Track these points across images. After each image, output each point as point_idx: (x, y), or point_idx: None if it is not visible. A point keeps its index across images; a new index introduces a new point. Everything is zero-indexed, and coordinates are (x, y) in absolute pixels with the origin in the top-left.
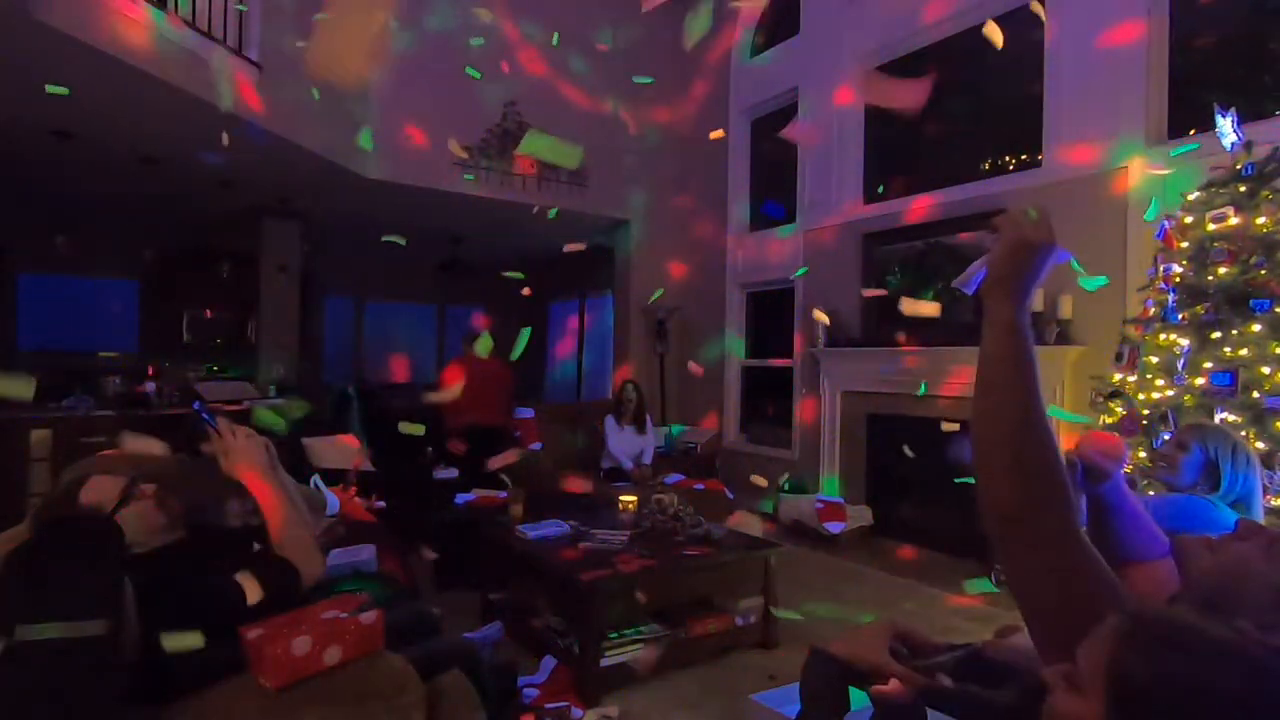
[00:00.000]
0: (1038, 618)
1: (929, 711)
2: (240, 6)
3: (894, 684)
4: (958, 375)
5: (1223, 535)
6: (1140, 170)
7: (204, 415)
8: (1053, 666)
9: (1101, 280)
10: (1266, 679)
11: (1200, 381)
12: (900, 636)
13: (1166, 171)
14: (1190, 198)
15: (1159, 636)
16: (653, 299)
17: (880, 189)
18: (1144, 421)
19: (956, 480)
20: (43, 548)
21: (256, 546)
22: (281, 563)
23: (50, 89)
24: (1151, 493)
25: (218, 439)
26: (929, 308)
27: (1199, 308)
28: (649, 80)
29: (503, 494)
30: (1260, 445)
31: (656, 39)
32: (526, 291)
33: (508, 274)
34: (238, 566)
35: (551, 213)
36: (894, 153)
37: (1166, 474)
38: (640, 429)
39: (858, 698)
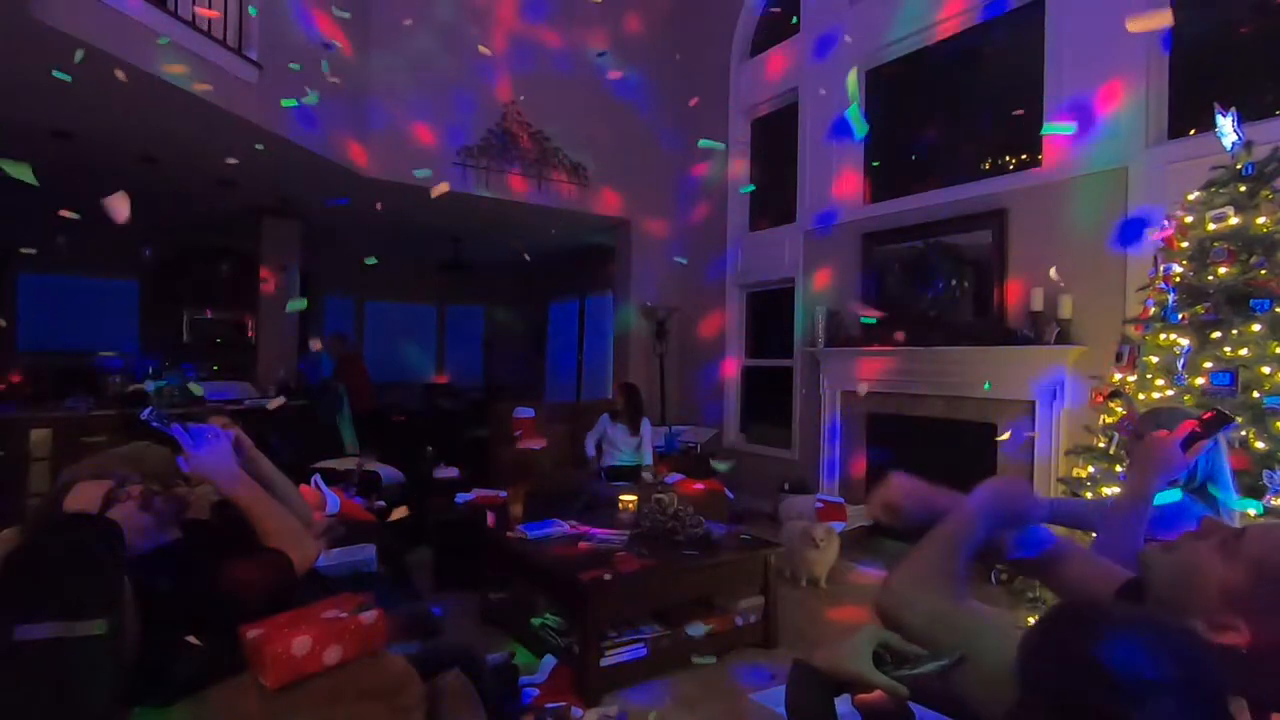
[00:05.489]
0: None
1: (923, 711)
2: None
3: (878, 693)
4: (955, 375)
5: (1184, 534)
6: (1140, 170)
7: (154, 424)
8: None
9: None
10: None
11: (1200, 381)
12: (883, 645)
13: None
14: (1190, 198)
15: None
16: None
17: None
18: None
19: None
20: (43, 548)
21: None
22: (271, 552)
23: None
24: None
25: (179, 443)
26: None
27: (1199, 307)
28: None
29: (503, 493)
30: (1260, 445)
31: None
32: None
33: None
34: (233, 564)
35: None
36: (894, 152)
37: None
38: (634, 429)
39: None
